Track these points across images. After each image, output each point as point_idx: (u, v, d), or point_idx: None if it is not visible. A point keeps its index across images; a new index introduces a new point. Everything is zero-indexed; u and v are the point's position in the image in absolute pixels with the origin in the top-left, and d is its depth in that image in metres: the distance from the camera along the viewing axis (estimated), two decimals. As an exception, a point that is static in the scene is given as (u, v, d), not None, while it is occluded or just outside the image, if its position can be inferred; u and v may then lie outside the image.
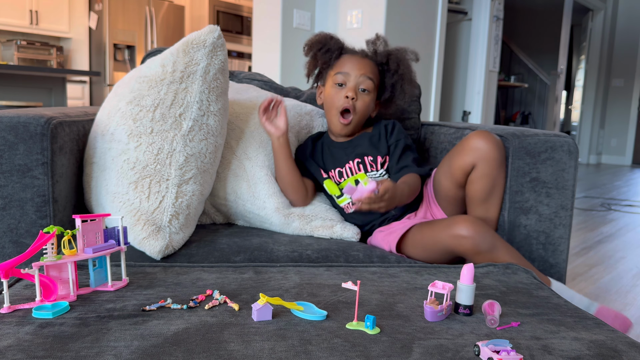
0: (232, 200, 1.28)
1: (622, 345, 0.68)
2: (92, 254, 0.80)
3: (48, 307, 0.72)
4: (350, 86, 1.27)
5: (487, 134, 1.16)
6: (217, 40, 1.15)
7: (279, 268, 0.97)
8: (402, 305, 0.79)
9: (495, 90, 4.83)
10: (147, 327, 0.68)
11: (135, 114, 1.12)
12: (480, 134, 1.17)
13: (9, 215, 1.05)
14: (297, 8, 3.15)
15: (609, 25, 7.46)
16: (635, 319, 1.70)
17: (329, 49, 1.32)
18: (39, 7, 5.29)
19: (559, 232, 1.20)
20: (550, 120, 7.17)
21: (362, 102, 1.28)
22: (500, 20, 4.61)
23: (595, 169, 6.95)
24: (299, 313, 0.73)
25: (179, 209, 1.11)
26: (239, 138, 1.30)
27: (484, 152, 1.15)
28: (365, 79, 1.27)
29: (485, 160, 1.15)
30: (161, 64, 1.14)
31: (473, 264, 0.80)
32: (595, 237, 2.90)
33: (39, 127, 1.04)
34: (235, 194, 1.27)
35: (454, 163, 1.20)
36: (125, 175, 1.10)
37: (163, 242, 1.06)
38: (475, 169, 1.17)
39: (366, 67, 1.28)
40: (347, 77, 1.27)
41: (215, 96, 1.16)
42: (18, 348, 0.61)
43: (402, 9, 3.19)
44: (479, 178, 1.17)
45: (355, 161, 1.30)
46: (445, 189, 1.24)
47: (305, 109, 1.44)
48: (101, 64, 5.42)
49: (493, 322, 0.72)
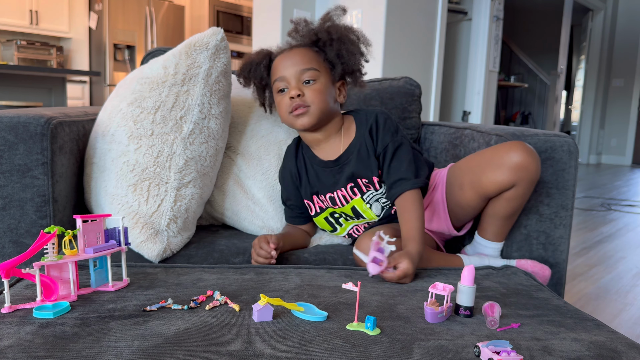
0: (229, 216, 1.29)
1: (622, 346, 0.68)
2: (93, 254, 0.80)
3: (49, 307, 0.72)
4: (292, 86, 1.12)
5: (532, 151, 1.05)
6: (220, 42, 1.14)
7: (279, 269, 0.97)
8: (403, 307, 0.79)
9: (495, 90, 4.83)
10: (147, 327, 0.68)
11: (136, 116, 1.11)
12: (526, 149, 1.04)
13: (9, 215, 1.05)
14: (297, 8, 3.15)
15: (609, 25, 7.47)
16: (635, 319, 1.70)
17: (257, 64, 1.19)
18: (39, 7, 5.29)
19: (559, 232, 1.20)
20: (550, 120, 7.18)
21: (312, 91, 1.11)
22: (500, 20, 4.61)
23: (595, 169, 6.95)
24: (300, 314, 0.73)
25: (178, 212, 1.11)
26: (237, 149, 1.29)
27: (531, 173, 1.04)
28: (304, 71, 1.12)
29: (529, 182, 1.05)
30: (163, 65, 1.14)
31: (473, 266, 0.80)
32: (595, 237, 2.90)
33: (39, 127, 1.04)
34: (232, 210, 1.28)
35: (487, 177, 1.07)
36: (124, 177, 1.10)
37: (161, 246, 1.06)
38: (515, 188, 1.06)
39: (299, 58, 1.13)
40: (285, 80, 1.13)
41: (217, 99, 1.16)
42: (19, 348, 0.61)
43: (402, 9, 3.19)
44: (515, 198, 1.08)
45: (349, 186, 1.16)
46: (467, 198, 1.13)
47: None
48: (101, 64, 5.42)
49: (493, 323, 0.72)
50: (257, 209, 1.25)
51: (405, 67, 3.35)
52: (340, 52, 1.15)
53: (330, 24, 1.17)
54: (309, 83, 1.12)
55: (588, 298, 1.89)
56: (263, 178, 1.25)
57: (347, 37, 1.16)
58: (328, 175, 1.18)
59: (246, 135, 1.29)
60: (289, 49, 1.17)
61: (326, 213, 1.21)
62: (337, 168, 1.17)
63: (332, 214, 1.21)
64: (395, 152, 1.13)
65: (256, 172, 1.26)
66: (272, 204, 1.25)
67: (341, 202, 1.17)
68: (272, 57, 1.19)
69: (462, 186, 1.14)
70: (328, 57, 1.16)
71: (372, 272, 0.88)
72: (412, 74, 2.84)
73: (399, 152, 1.13)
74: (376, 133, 1.15)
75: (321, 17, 1.20)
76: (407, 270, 0.90)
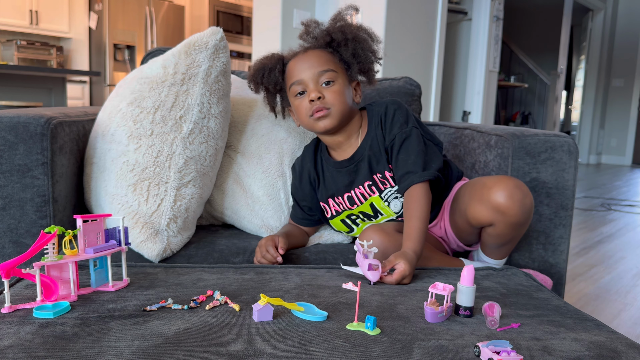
0: (229, 215, 1.29)
1: (622, 346, 0.68)
2: (93, 254, 0.80)
3: (49, 307, 0.72)
4: (311, 89, 1.09)
5: (516, 190, 1.00)
6: (220, 42, 1.14)
7: (279, 269, 0.97)
8: (403, 307, 0.79)
9: (495, 90, 4.83)
10: (148, 327, 0.68)
11: (136, 116, 1.11)
12: (509, 192, 0.99)
13: (9, 215, 1.05)
14: (297, 8, 3.15)
15: (609, 25, 7.47)
16: (635, 319, 1.70)
17: (270, 69, 1.16)
18: (39, 7, 5.29)
19: (559, 232, 1.21)
20: (550, 120, 7.18)
21: (332, 93, 1.09)
22: (500, 20, 4.61)
23: (595, 169, 6.95)
24: (300, 314, 0.73)
25: (178, 212, 1.11)
26: (237, 148, 1.29)
27: (509, 217, 1.01)
28: (322, 73, 1.09)
29: (508, 224, 1.02)
30: (162, 65, 1.14)
31: (473, 266, 0.80)
32: (595, 237, 2.90)
33: (39, 127, 1.04)
34: (232, 209, 1.28)
35: (470, 209, 1.06)
36: (124, 177, 1.10)
37: (161, 246, 1.06)
38: (493, 227, 1.04)
39: (315, 60, 1.11)
40: (302, 83, 1.10)
41: (216, 99, 1.16)
42: (19, 348, 0.61)
43: (402, 9, 3.19)
44: (496, 235, 1.06)
45: (366, 184, 1.14)
46: (460, 221, 1.13)
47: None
48: (101, 64, 5.42)
49: (493, 323, 0.72)
50: (257, 207, 1.25)
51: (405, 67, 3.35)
52: (355, 51, 1.13)
53: (343, 23, 1.14)
54: (328, 85, 1.10)
55: (588, 298, 1.89)
56: (263, 176, 1.25)
57: (361, 36, 1.14)
58: (344, 175, 1.16)
59: (246, 134, 1.29)
60: (303, 51, 1.14)
61: (343, 216, 1.19)
62: (353, 166, 1.15)
63: (349, 216, 1.19)
64: (402, 143, 1.09)
65: (256, 171, 1.26)
66: (272, 203, 1.25)
67: (359, 200, 1.16)
68: (285, 60, 1.17)
69: (458, 209, 1.12)
70: (344, 58, 1.14)
71: (373, 279, 0.88)
72: (412, 74, 2.84)
73: (407, 143, 1.09)
74: (385, 125, 1.13)
75: (332, 16, 1.17)
76: (404, 272, 0.90)
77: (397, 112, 1.13)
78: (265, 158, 1.26)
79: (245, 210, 1.26)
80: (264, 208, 1.25)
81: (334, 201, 1.19)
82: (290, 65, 1.14)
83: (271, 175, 1.26)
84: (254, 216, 1.26)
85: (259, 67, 1.18)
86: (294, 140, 1.30)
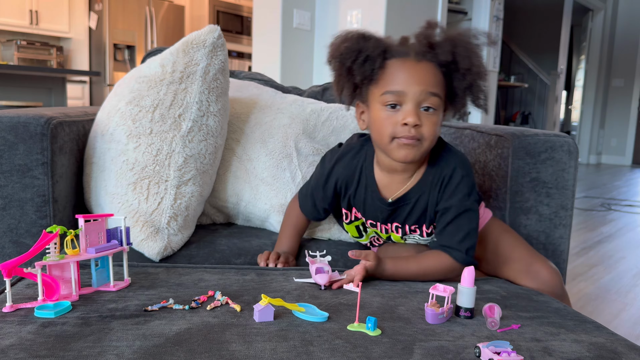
0: (234, 202, 1.28)
1: (622, 348, 0.68)
2: (95, 254, 0.80)
3: (50, 307, 0.72)
4: (409, 109, 0.90)
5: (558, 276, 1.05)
6: (217, 40, 1.15)
7: (281, 270, 0.97)
8: (403, 308, 0.79)
9: (495, 90, 4.83)
10: (149, 327, 0.68)
11: (135, 115, 1.12)
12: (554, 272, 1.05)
13: (9, 215, 1.05)
14: (297, 8, 3.15)
15: (609, 25, 7.47)
16: (635, 319, 1.70)
17: (368, 57, 0.93)
18: (39, 7, 5.29)
19: (559, 232, 1.21)
20: (550, 120, 7.18)
21: (430, 125, 0.92)
22: (500, 20, 4.61)
23: (595, 169, 6.95)
24: (301, 314, 0.73)
25: (178, 210, 1.11)
26: (240, 139, 1.30)
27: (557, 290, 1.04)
28: (429, 95, 0.91)
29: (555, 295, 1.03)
30: (161, 64, 1.14)
31: (473, 267, 0.80)
32: (595, 237, 2.91)
33: (39, 127, 1.04)
34: (237, 195, 1.27)
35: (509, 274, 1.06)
36: (124, 176, 1.10)
37: (162, 244, 1.06)
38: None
39: (428, 77, 0.92)
40: (402, 96, 0.91)
41: (215, 96, 1.16)
42: (20, 347, 0.61)
43: (402, 9, 3.19)
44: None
45: (394, 225, 1.06)
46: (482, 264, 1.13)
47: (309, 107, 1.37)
48: (101, 64, 5.42)
49: (493, 324, 0.72)
50: (261, 188, 1.24)
51: (405, 67, 3.35)
52: (472, 86, 0.96)
53: (471, 48, 0.94)
54: (427, 111, 0.92)
55: (588, 298, 1.89)
56: (267, 159, 1.25)
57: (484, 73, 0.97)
58: (377, 208, 1.05)
59: (249, 122, 1.30)
60: (415, 59, 0.93)
61: (359, 222, 1.13)
62: (390, 209, 1.04)
63: (363, 223, 1.13)
64: (456, 217, 0.97)
65: (260, 154, 1.26)
66: (276, 182, 1.24)
67: (381, 230, 1.09)
68: (388, 55, 0.94)
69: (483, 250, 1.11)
70: (455, 87, 0.96)
71: (322, 282, 0.86)
72: (412, 74, 2.83)
73: (462, 218, 0.97)
74: (445, 189, 0.99)
75: (463, 32, 0.96)
76: (368, 255, 0.89)
77: (464, 180, 0.98)
78: (269, 142, 1.26)
79: (250, 194, 1.25)
80: (269, 188, 1.24)
81: (357, 210, 1.10)
82: (394, 66, 0.93)
83: (275, 157, 1.25)
84: (258, 199, 1.25)
85: (354, 48, 0.95)
86: (298, 125, 1.29)
